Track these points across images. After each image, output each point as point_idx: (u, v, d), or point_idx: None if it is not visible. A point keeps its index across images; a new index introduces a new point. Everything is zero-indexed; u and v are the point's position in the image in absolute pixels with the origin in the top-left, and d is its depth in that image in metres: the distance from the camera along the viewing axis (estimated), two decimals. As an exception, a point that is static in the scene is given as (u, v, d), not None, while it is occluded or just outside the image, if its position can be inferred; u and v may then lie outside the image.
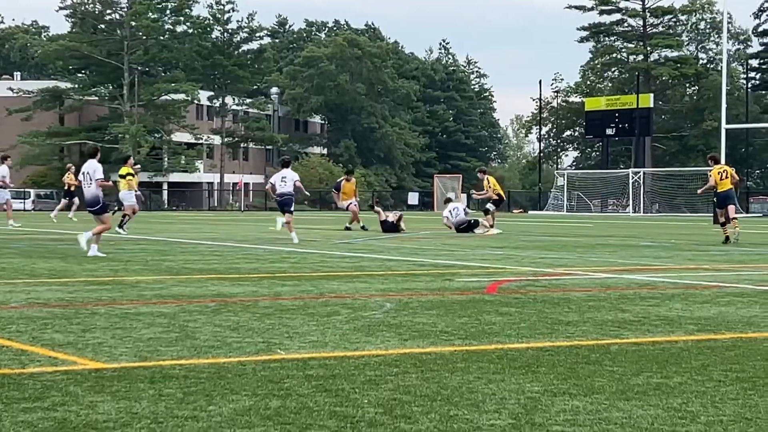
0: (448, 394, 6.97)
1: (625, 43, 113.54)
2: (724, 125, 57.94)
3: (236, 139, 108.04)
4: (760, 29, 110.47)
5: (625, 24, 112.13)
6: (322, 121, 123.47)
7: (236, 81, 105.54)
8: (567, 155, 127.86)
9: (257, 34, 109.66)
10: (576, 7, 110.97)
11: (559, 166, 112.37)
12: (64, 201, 45.10)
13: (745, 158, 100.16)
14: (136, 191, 34.21)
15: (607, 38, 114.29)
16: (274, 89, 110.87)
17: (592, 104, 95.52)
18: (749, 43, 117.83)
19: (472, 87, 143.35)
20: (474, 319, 10.93)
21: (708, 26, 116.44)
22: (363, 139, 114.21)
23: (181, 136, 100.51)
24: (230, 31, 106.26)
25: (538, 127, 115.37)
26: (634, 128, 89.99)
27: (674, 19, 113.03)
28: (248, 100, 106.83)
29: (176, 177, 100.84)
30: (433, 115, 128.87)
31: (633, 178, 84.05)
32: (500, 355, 8.63)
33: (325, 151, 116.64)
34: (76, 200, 40.40)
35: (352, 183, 39.07)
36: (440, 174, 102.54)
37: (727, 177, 29.00)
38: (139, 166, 40.02)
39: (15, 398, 6.72)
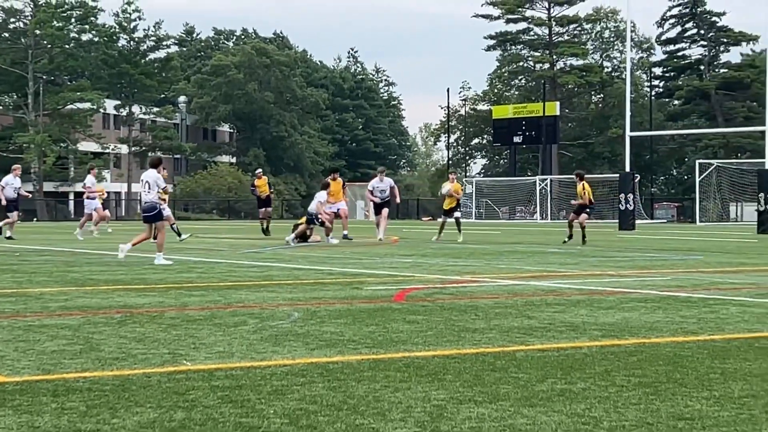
0: (355, 403, 6.98)
1: (531, 52, 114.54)
2: (628, 133, 58.74)
3: (144, 148, 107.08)
4: (663, 38, 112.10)
5: (532, 33, 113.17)
6: (231, 130, 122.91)
7: (143, 90, 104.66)
8: (475, 163, 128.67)
9: (164, 43, 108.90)
10: (483, 16, 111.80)
11: (468, 174, 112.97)
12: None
13: (650, 165, 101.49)
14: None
15: (513, 47, 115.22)
16: (182, 98, 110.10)
17: (499, 112, 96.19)
18: (653, 51, 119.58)
19: (381, 95, 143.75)
20: (381, 328, 10.95)
21: (612, 35, 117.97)
22: (272, 148, 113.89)
23: (88, 146, 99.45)
24: (137, 39, 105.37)
25: (446, 134, 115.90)
26: (540, 136, 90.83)
27: (579, 28, 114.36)
28: (156, 109, 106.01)
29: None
30: (342, 123, 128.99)
31: (540, 185, 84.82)
32: (407, 363, 8.65)
33: (234, 160, 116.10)
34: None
35: (339, 182, 35.10)
36: (350, 182, 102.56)
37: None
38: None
39: None
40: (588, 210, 32.83)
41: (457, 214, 35.39)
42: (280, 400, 7.06)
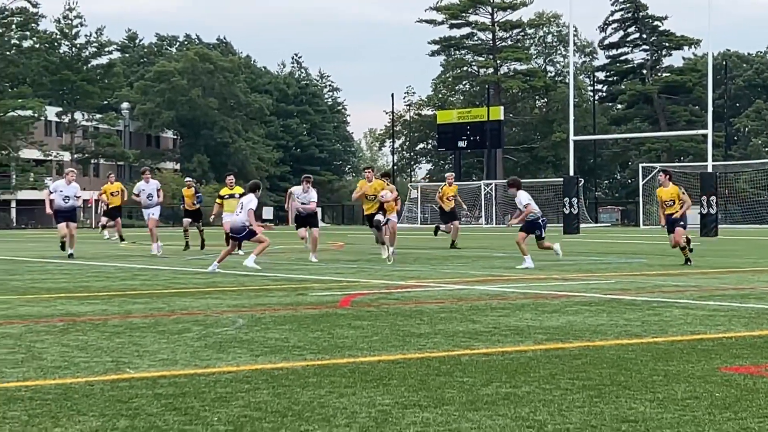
0: (300, 409, 6.95)
1: (475, 57, 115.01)
2: (572, 137, 59.06)
3: (87, 155, 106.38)
4: (606, 42, 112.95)
5: (475, 38, 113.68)
6: (175, 136, 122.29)
7: (86, 96, 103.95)
8: (420, 168, 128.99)
9: (106, 49, 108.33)
10: (427, 21, 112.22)
11: (413, 179, 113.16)
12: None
13: (593, 169, 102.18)
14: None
15: (457, 52, 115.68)
16: (125, 104, 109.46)
17: (443, 117, 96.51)
18: (595, 55, 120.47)
19: (326, 100, 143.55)
20: (327, 333, 10.93)
21: (555, 39, 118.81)
22: (216, 154, 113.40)
23: (30, 153, 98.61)
24: (79, 45, 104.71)
25: (391, 140, 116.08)
26: (485, 140, 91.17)
27: (522, 33, 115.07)
28: (98, 116, 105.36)
29: (25, 194, 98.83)
30: (287, 129, 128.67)
31: (485, 189, 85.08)
32: (352, 368, 8.63)
33: (178, 167, 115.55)
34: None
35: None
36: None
37: None
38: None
39: None
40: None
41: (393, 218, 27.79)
42: (224, 407, 7.02)
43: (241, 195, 27.80)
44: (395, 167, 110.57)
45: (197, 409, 6.96)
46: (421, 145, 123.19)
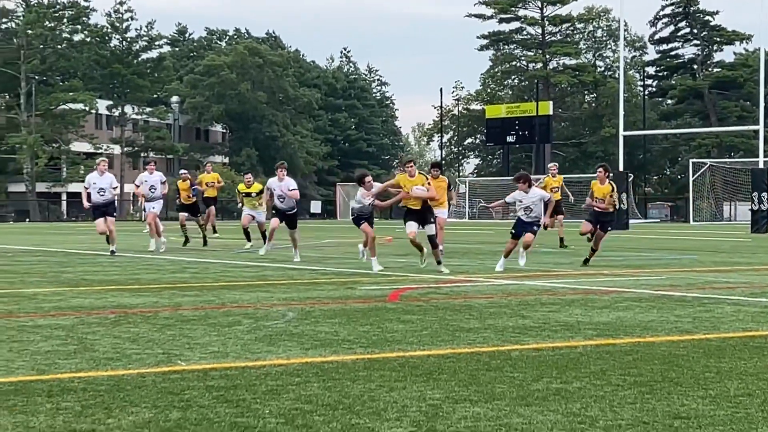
0: (350, 402, 6.97)
1: (524, 51, 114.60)
2: (621, 132, 58.77)
3: (136, 148, 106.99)
4: (656, 37, 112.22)
5: (525, 32, 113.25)
6: (224, 130, 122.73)
7: (136, 90, 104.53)
8: (468, 162, 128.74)
9: (157, 43, 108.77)
10: (476, 16, 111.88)
11: (461, 174, 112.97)
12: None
13: (643, 164, 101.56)
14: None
15: (506, 46, 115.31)
16: (175, 98, 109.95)
17: (492, 112, 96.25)
18: (645, 50, 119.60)
19: (374, 95, 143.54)
20: (376, 327, 10.94)
21: (605, 34, 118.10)
22: (265, 148, 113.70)
23: (80, 146, 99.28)
24: (129, 39, 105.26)
25: (439, 134, 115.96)
26: (534, 135, 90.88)
27: (572, 28, 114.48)
28: (148, 109, 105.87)
29: (75, 187, 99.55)
30: (335, 123, 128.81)
31: (534, 185, 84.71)
32: (402, 363, 8.64)
33: (226, 160, 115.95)
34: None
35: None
36: (343, 182, 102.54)
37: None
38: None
39: None
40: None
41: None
42: (275, 400, 7.04)
43: (259, 193, 28.16)
44: (443, 162, 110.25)
45: (248, 402, 6.99)
46: (470, 140, 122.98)
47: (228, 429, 6.19)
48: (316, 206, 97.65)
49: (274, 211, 24.54)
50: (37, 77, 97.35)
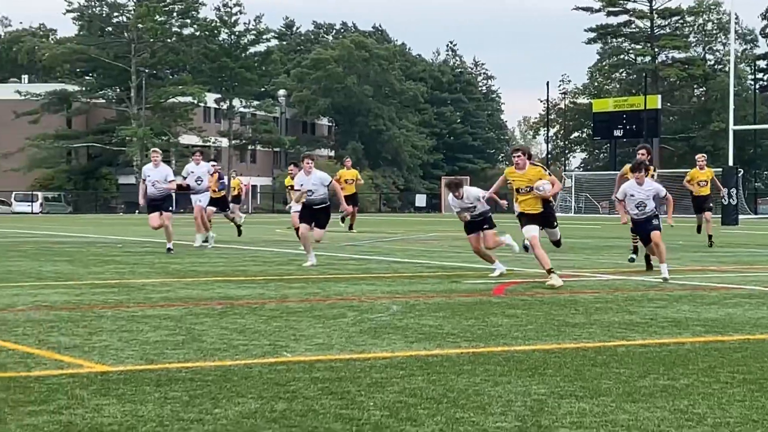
0: (455, 396, 6.96)
1: (632, 45, 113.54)
2: (731, 126, 57.92)
3: (244, 141, 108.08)
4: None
5: (633, 25, 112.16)
6: (330, 123, 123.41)
7: (243, 83, 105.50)
8: (575, 157, 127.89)
9: (264, 37, 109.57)
10: (583, 9, 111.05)
11: (567, 168, 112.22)
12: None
13: (753, 159, 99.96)
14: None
15: (614, 39, 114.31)
16: (282, 91, 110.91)
17: (599, 105, 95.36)
18: (756, 43, 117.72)
19: (480, 88, 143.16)
20: (481, 321, 10.91)
21: (715, 27, 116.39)
22: (370, 141, 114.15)
23: (189, 139, 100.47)
24: (237, 33, 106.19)
25: (545, 128, 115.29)
26: (641, 129, 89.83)
27: (681, 21, 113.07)
28: (255, 103, 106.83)
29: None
30: (441, 116, 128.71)
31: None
32: (507, 357, 8.61)
33: (332, 153, 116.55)
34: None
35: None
36: (447, 176, 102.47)
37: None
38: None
39: (21, 401, 6.71)
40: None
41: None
42: (379, 393, 7.06)
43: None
44: (549, 156, 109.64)
45: (353, 394, 7.02)
46: (576, 134, 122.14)
47: (333, 420, 6.22)
48: (420, 200, 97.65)
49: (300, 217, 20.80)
50: (147, 71, 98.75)
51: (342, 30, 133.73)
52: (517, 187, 16.13)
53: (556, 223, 17.20)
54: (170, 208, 24.30)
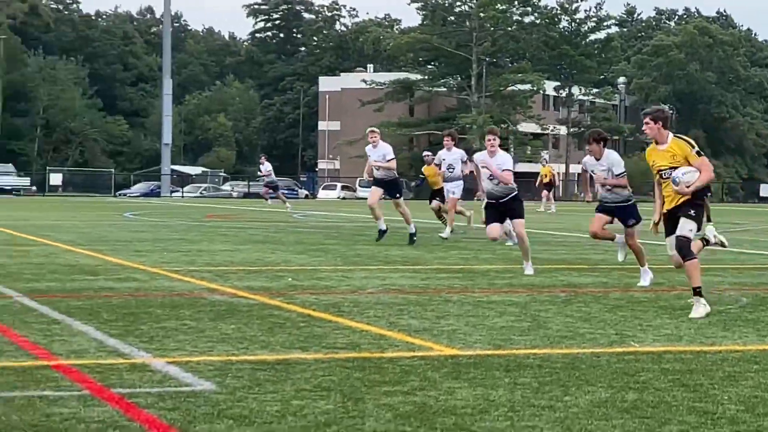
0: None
1: None
2: None
3: (582, 129, 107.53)
4: None
5: None
6: (670, 111, 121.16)
7: (583, 71, 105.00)
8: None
9: (605, 24, 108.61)
10: None
11: None
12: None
13: None
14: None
15: None
16: (621, 79, 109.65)
17: None
18: None
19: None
20: (837, 317, 10.46)
21: None
22: (713, 129, 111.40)
23: (527, 127, 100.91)
24: (578, 20, 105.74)
25: None
26: None
27: None
28: (594, 90, 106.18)
29: (522, 167, 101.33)
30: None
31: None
32: None
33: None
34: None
35: None
36: None
37: None
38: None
39: (376, 381, 6.93)
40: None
41: None
42: (733, 386, 6.89)
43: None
44: None
45: (706, 387, 6.88)
46: None
47: (686, 413, 6.11)
48: (765, 189, 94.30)
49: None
50: (487, 59, 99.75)
51: (684, 16, 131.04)
52: None
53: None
54: (398, 195, 21.79)
